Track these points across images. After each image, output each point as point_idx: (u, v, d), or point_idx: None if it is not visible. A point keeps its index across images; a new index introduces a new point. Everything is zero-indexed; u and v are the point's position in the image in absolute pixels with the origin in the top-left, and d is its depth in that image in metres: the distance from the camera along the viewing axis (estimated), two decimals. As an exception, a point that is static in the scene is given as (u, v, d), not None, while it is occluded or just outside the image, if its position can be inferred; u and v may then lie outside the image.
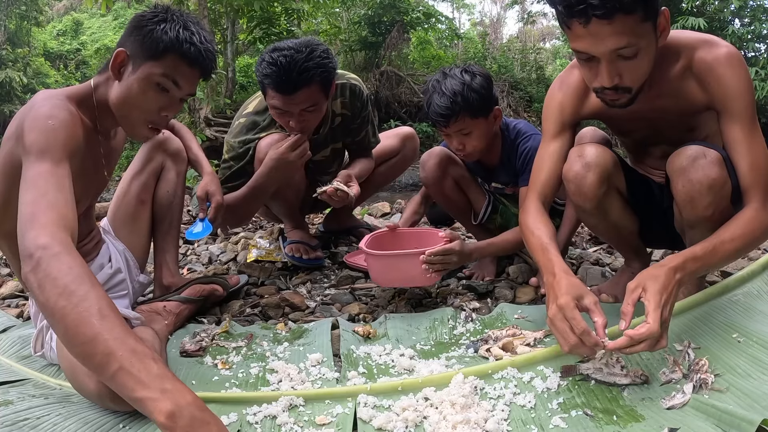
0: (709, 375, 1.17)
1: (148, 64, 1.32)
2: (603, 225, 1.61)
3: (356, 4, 12.90)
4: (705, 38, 1.34)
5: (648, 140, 1.58)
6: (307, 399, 1.22)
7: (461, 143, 1.82)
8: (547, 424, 1.09)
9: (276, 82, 1.75)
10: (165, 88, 1.34)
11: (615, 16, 1.15)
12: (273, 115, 1.90)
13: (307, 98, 1.79)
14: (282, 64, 1.72)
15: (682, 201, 1.36)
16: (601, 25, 1.16)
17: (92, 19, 20.11)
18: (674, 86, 1.36)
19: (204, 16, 9.05)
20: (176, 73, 1.34)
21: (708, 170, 1.30)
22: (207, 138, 8.74)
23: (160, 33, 1.31)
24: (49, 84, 15.12)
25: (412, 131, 2.52)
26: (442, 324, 1.62)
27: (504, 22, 24.24)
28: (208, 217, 1.78)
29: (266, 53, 1.79)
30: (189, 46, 1.33)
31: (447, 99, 1.74)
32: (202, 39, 1.36)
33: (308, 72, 1.74)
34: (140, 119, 1.37)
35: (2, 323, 1.83)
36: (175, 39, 1.31)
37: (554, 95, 1.53)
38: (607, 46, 1.19)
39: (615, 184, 1.54)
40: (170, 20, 1.33)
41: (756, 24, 10.36)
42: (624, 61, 1.22)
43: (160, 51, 1.31)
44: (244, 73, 12.78)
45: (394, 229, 1.98)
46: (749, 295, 1.51)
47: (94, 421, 1.15)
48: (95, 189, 1.50)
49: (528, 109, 12.88)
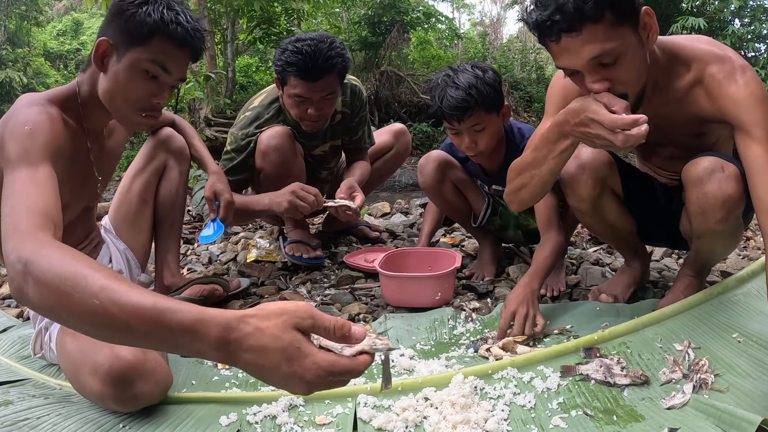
0: (709, 375, 1.17)
1: (133, 51, 1.24)
2: (599, 225, 1.61)
3: (356, 4, 12.89)
4: (718, 53, 1.31)
5: (655, 141, 1.55)
6: (307, 399, 1.21)
7: (473, 140, 1.78)
8: (547, 424, 1.09)
9: (301, 70, 1.83)
10: (154, 74, 1.27)
11: (582, 27, 1.13)
12: (290, 105, 1.94)
13: (328, 86, 1.88)
14: (308, 53, 1.81)
15: (695, 212, 1.35)
16: (571, 39, 1.15)
17: (92, 19, 20.10)
18: (680, 96, 1.34)
19: (204, 16, 9.05)
20: (165, 57, 1.27)
21: (724, 185, 1.29)
22: (207, 138, 8.73)
23: (143, 16, 1.23)
24: (49, 84, 15.11)
25: (404, 127, 2.58)
26: (442, 324, 1.62)
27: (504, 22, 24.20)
28: (219, 217, 1.77)
29: (288, 44, 1.87)
30: (176, 27, 1.25)
31: (462, 91, 1.70)
32: (188, 18, 1.28)
33: (331, 60, 1.84)
34: (131, 109, 1.30)
35: (2, 323, 1.83)
36: (160, 20, 1.23)
37: (559, 79, 1.47)
38: (582, 58, 1.17)
39: (610, 186, 1.54)
40: (152, 1, 1.25)
41: (756, 24, 10.35)
42: (607, 69, 1.19)
43: (145, 34, 1.23)
44: (244, 73, 12.77)
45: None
46: (749, 295, 1.51)
47: (94, 421, 1.15)
48: (88, 190, 1.47)
49: (528, 109, 12.87)
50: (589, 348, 1.33)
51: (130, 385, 1.11)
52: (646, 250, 1.77)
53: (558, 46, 1.18)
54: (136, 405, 1.15)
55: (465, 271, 2.07)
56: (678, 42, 1.34)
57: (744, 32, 10.42)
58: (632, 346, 1.33)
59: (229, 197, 1.79)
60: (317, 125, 1.99)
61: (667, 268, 2.08)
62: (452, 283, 1.82)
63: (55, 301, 0.81)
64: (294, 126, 2.05)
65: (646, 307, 1.56)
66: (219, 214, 1.78)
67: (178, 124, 1.81)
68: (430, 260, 1.99)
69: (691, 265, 1.56)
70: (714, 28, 10.27)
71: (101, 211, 2.59)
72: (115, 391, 1.10)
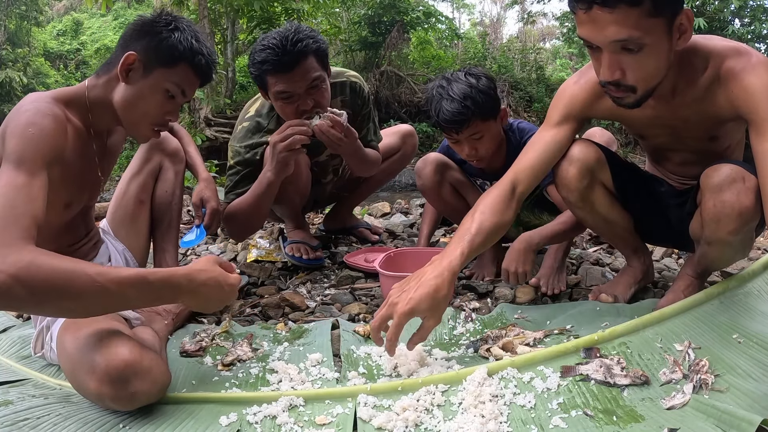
0: (710, 375, 1.17)
1: (160, 71, 1.35)
2: (591, 218, 1.62)
3: (356, 4, 12.90)
4: (735, 47, 1.29)
5: (667, 146, 1.55)
6: (307, 399, 1.22)
7: (473, 148, 1.79)
8: (547, 424, 1.09)
9: (274, 63, 1.75)
10: (173, 95, 1.39)
11: (617, 5, 1.11)
12: (279, 107, 1.85)
13: (307, 71, 1.77)
14: (275, 44, 1.75)
15: (709, 219, 1.34)
16: (602, 12, 1.13)
17: (92, 19, 20.11)
18: (700, 95, 1.32)
19: (204, 16, 9.05)
20: (185, 82, 1.39)
21: (743, 197, 1.27)
22: (207, 138, 8.74)
23: (174, 41, 1.35)
24: (49, 84, 15.13)
25: (411, 128, 2.54)
26: (442, 324, 1.62)
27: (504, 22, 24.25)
28: (204, 224, 1.77)
29: (257, 46, 1.82)
30: (200, 58, 1.38)
31: (457, 104, 1.70)
32: (209, 51, 1.42)
33: (301, 42, 1.75)
34: (146, 122, 1.40)
35: (2, 323, 1.83)
36: (189, 50, 1.36)
37: (569, 86, 1.49)
38: (607, 36, 1.16)
39: (600, 179, 1.55)
40: (182, 30, 1.37)
41: (756, 24, 10.36)
42: (627, 55, 1.18)
43: (174, 59, 1.35)
44: (244, 73, 12.77)
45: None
46: (750, 296, 1.51)
47: (94, 421, 1.15)
48: (90, 189, 1.49)
49: (528, 109, 12.87)
50: (589, 348, 1.32)
51: (127, 384, 1.11)
52: (647, 249, 1.77)
53: (586, 15, 1.16)
54: (133, 404, 1.15)
55: (465, 271, 2.07)
56: (694, 40, 1.31)
57: (744, 32, 10.43)
58: (632, 346, 1.33)
59: (215, 205, 1.79)
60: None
61: (667, 268, 2.08)
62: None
63: (53, 295, 1.01)
64: None
65: (647, 307, 1.56)
66: (204, 220, 1.78)
67: (176, 130, 1.85)
68: (430, 260, 1.98)
69: (694, 266, 1.56)
70: (714, 28, 10.27)
71: (100, 212, 2.60)
72: (112, 389, 1.10)
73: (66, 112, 1.29)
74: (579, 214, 1.64)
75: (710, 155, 1.42)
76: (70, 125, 1.30)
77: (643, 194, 1.63)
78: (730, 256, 1.48)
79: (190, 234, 1.78)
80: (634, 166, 1.67)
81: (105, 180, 1.53)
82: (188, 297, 1.18)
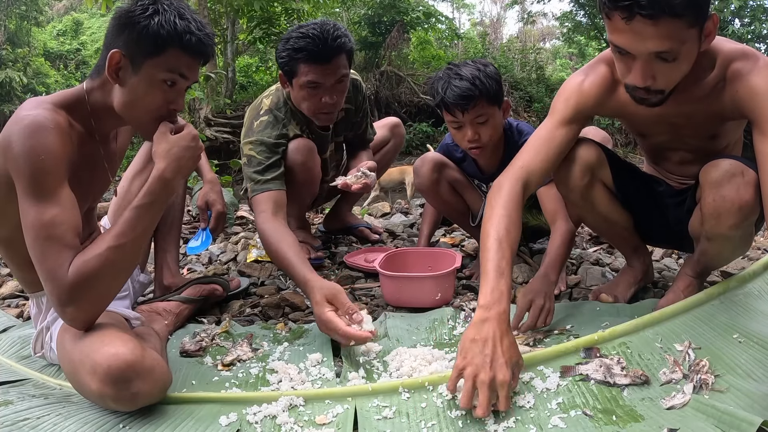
0: (710, 375, 1.17)
1: (149, 63, 1.24)
2: (591, 216, 1.63)
3: (356, 4, 12.91)
4: (743, 49, 1.29)
5: (667, 144, 1.55)
6: (307, 399, 1.22)
7: (476, 132, 1.79)
8: (546, 424, 1.09)
9: (312, 53, 1.78)
10: (172, 82, 1.28)
11: (661, 18, 1.10)
12: (303, 97, 1.87)
13: (339, 67, 1.83)
14: (315, 35, 1.77)
15: (709, 214, 1.34)
16: (644, 24, 1.11)
17: (92, 19, 20.10)
18: (705, 94, 1.32)
19: (204, 16, 9.04)
20: (181, 66, 1.27)
21: (743, 191, 1.27)
22: (207, 138, 8.74)
23: (156, 27, 1.21)
24: (49, 84, 15.13)
25: (398, 120, 2.61)
26: (442, 324, 1.62)
27: (504, 22, 24.26)
28: (210, 227, 1.76)
29: (292, 32, 1.83)
30: (189, 37, 1.24)
31: (467, 81, 1.73)
32: (199, 26, 1.28)
33: (340, 39, 1.80)
34: (150, 118, 1.30)
35: (2, 323, 1.82)
36: (173, 31, 1.22)
37: (578, 84, 1.43)
38: (648, 47, 1.15)
39: (600, 178, 1.55)
40: (162, 11, 1.23)
41: (756, 24, 10.37)
42: (661, 64, 1.18)
43: (159, 46, 1.23)
44: (244, 73, 12.78)
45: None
46: (750, 296, 1.52)
47: (94, 421, 1.15)
48: (98, 191, 1.48)
49: (528, 109, 12.88)
50: (589, 348, 1.32)
51: (129, 384, 1.11)
52: (647, 249, 1.77)
53: (625, 25, 1.14)
54: (134, 404, 1.15)
55: (465, 271, 2.07)
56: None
57: (744, 32, 10.43)
58: (632, 346, 1.33)
59: (221, 208, 1.77)
60: (332, 117, 1.95)
61: (667, 268, 2.08)
62: (452, 283, 1.82)
63: (105, 280, 1.17)
64: (306, 126, 2.03)
65: (647, 307, 1.56)
66: (210, 224, 1.76)
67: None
68: (430, 260, 1.99)
69: (693, 266, 1.56)
70: (714, 28, 10.27)
71: (101, 212, 2.59)
72: (113, 390, 1.10)
73: (69, 118, 1.25)
74: (578, 213, 1.64)
75: (709, 154, 1.42)
76: (74, 131, 1.26)
77: (642, 194, 1.63)
78: (730, 252, 1.48)
79: (196, 239, 1.76)
80: (633, 166, 1.67)
81: (112, 181, 1.51)
82: (176, 179, 1.26)
